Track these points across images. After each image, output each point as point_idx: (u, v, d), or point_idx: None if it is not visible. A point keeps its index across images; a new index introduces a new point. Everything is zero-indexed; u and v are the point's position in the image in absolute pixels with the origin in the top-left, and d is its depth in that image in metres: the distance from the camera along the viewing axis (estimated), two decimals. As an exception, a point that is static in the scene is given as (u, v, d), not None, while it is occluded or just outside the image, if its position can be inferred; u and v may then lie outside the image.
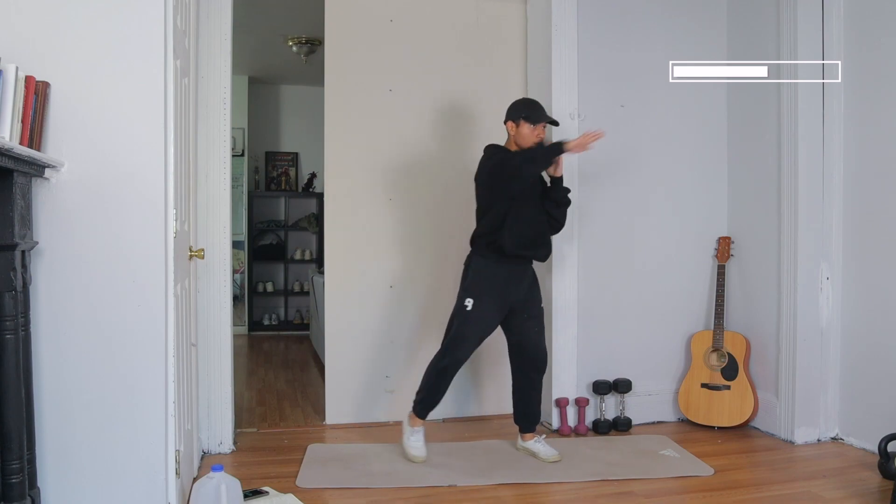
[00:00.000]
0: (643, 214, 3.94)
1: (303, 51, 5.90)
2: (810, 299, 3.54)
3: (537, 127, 3.16)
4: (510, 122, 3.20)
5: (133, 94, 2.25)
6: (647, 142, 3.93)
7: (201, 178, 3.30)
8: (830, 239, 3.55)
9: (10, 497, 1.99)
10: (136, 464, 2.26)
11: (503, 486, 2.95)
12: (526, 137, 3.16)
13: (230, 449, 3.39)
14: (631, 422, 3.79)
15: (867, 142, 3.43)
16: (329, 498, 2.84)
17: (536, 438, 3.34)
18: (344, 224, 3.91)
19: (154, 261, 2.27)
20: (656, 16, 3.93)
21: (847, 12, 3.48)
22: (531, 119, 3.15)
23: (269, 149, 7.52)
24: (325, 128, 3.90)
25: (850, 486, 2.93)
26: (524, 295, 3.25)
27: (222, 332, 3.40)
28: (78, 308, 2.22)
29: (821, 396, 3.56)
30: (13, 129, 1.96)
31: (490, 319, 3.21)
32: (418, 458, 3.21)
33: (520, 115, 3.17)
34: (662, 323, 3.95)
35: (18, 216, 2.00)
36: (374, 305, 3.93)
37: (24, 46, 2.14)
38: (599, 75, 3.84)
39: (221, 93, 3.37)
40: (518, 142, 3.19)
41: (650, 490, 2.91)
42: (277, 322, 7.43)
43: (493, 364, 3.91)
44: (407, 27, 3.96)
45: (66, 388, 2.22)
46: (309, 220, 7.54)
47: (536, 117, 3.16)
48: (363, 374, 3.91)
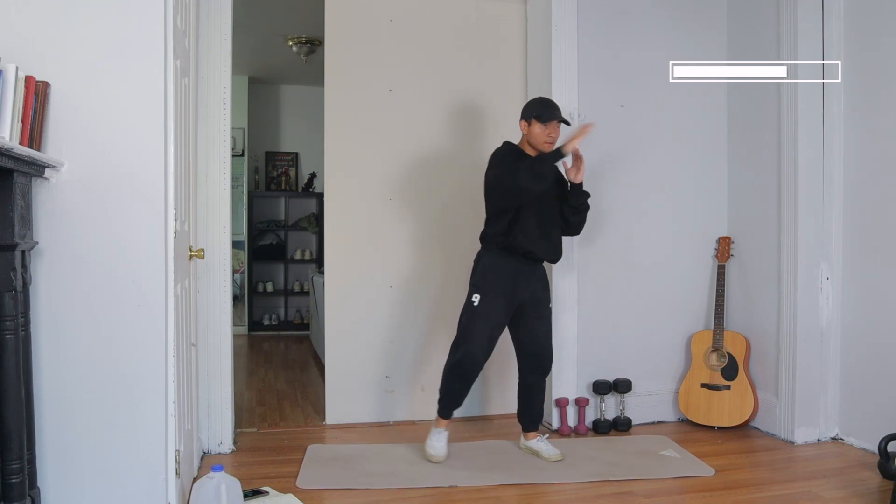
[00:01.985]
0: (643, 214, 3.94)
1: (303, 51, 5.90)
2: (810, 299, 3.54)
3: (549, 126, 3.14)
4: (523, 121, 3.19)
5: (133, 94, 2.25)
6: (647, 142, 3.93)
7: (201, 178, 3.30)
8: (830, 239, 3.55)
9: (10, 497, 1.99)
10: (136, 464, 2.26)
11: (503, 487, 2.95)
12: (538, 136, 3.16)
13: (230, 449, 3.39)
14: (631, 422, 3.79)
15: (867, 142, 3.43)
16: (329, 498, 2.84)
17: (539, 437, 3.35)
18: (344, 224, 3.91)
19: (154, 261, 2.27)
20: (656, 16, 3.93)
21: (847, 12, 3.48)
22: (542, 118, 3.14)
23: (269, 149, 7.52)
24: (325, 128, 3.90)
25: (850, 486, 2.93)
26: (533, 294, 3.24)
27: (222, 332, 3.40)
28: (78, 308, 2.22)
29: (821, 396, 3.56)
30: (13, 129, 1.96)
31: (498, 315, 3.20)
32: (434, 457, 3.20)
33: (532, 115, 3.16)
34: (662, 323, 3.95)
35: (18, 216, 2.00)
36: (374, 305, 3.92)
37: (24, 46, 2.13)
38: (599, 75, 3.84)
39: (221, 93, 3.37)
40: (530, 141, 3.19)
41: (650, 490, 2.91)
42: (277, 322, 7.43)
43: (498, 364, 3.90)
44: (407, 27, 3.96)
45: (66, 388, 2.22)
46: (309, 220, 7.54)
47: (548, 116, 3.14)
48: (363, 374, 3.91)
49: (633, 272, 3.92)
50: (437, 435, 3.25)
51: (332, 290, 3.93)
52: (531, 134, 3.17)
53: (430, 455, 3.21)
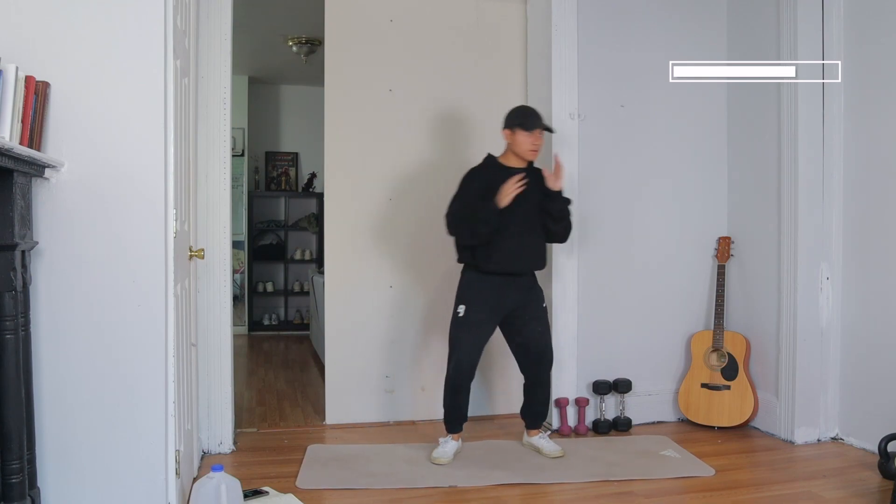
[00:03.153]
0: (643, 214, 3.94)
1: (303, 51, 5.90)
2: (810, 299, 3.54)
3: (532, 134, 3.16)
4: (506, 129, 3.20)
5: (133, 94, 2.25)
6: (646, 142, 3.93)
7: (201, 178, 3.30)
8: (830, 239, 3.55)
9: (10, 497, 1.99)
10: (136, 464, 2.26)
11: (503, 487, 2.95)
12: (522, 144, 3.17)
13: (230, 449, 3.39)
14: (631, 422, 3.78)
15: (867, 142, 3.43)
16: (329, 499, 2.84)
17: (541, 434, 3.38)
18: (344, 224, 3.91)
19: (154, 261, 2.27)
20: (656, 16, 3.93)
21: (847, 12, 3.48)
22: (526, 126, 3.15)
23: (269, 149, 7.52)
24: (325, 128, 3.90)
25: (850, 486, 2.93)
26: (520, 300, 3.24)
27: (222, 332, 3.40)
28: (78, 308, 2.22)
29: (821, 396, 3.55)
30: (13, 129, 1.96)
31: (484, 324, 3.23)
32: (438, 460, 3.20)
33: (515, 123, 3.17)
34: (662, 323, 3.95)
35: (18, 216, 2.00)
36: (374, 305, 3.93)
37: (24, 46, 2.13)
38: (599, 75, 3.84)
39: (221, 93, 3.37)
40: (514, 149, 3.20)
41: (650, 490, 2.91)
42: (277, 322, 7.43)
43: (500, 364, 3.91)
44: (407, 27, 3.96)
45: (66, 388, 2.22)
46: (309, 220, 7.54)
47: (531, 124, 3.15)
48: (363, 374, 3.91)
49: (633, 272, 3.92)
50: (444, 445, 3.26)
51: (332, 290, 3.93)
52: (515, 142, 3.17)
53: (435, 458, 3.21)
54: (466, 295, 3.22)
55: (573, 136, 3.74)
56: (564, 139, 3.71)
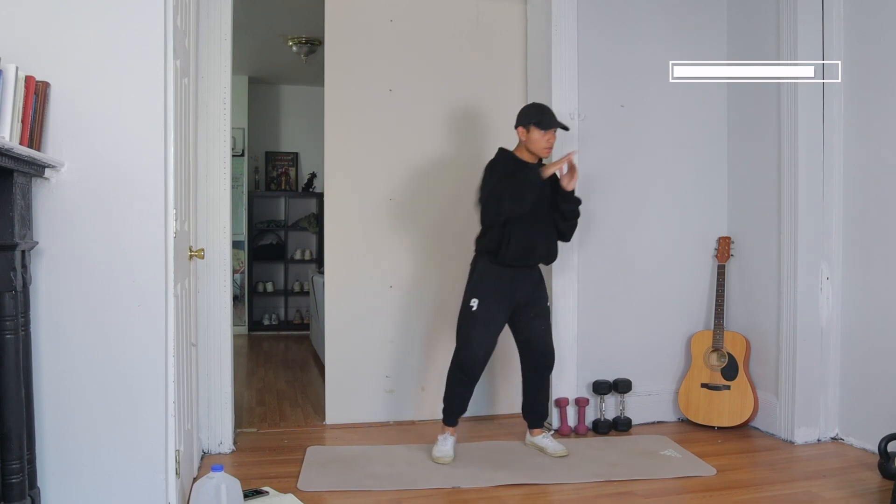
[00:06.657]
0: (643, 214, 3.94)
1: (303, 51, 5.90)
2: (810, 299, 3.54)
3: (548, 132, 3.16)
4: (521, 127, 3.20)
5: (133, 94, 2.25)
6: (646, 142, 3.93)
7: (201, 178, 3.30)
8: (830, 239, 3.55)
9: (10, 497, 1.99)
10: (136, 464, 2.26)
11: (505, 487, 2.95)
12: (536, 143, 3.17)
13: (230, 449, 3.39)
14: (631, 422, 3.78)
15: (867, 142, 3.43)
16: (331, 500, 2.83)
17: (544, 434, 3.39)
18: (344, 224, 3.91)
19: (154, 261, 2.27)
20: (656, 16, 3.93)
21: (847, 12, 3.48)
22: (542, 125, 3.15)
23: (269, 149, 7.52)
24: (325, 128, 3.89)
25: (850, 486, 2.93)
26: (529, 294, 3.26)
27: (222, 332, 3.40)
28: (78, 308, 2.22)
29: (821, 396, 3.55)
30: (13, 129, 1.95)
31: (496, 318, 3.23)
32: (441, 459, 3.20)
33: (530, 121, 3.17)
34: (662, 323, 3.95)
35: (18, 216, 1.99)
36: (374, 305, 3.92)
37: (24, 46, 2.13)
38: (599, 75, 3.84)
39: (221, 93, 3.37)
40: (529, 147, 3.20)
41: (651, 490, 2.91)
42: (277, 322, 7.43)
43: (502, 364, 3.90)
44: (407, 27, 3.96)
45: (66, 388, 2.22)
46: (309, 220, 7.54)
47: (547, 123, 3.16)
48: (363, 374, 3.91)
49: (633, 272, 3.92)
50: (443, 441, 3.26)
51: (332, 290, 3.93)
52: (530, 140, 3.18)
53: (437, 458, 3.21)
54: (479, 288, 3.21)
55: (573, 136, 3.74)
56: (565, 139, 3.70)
